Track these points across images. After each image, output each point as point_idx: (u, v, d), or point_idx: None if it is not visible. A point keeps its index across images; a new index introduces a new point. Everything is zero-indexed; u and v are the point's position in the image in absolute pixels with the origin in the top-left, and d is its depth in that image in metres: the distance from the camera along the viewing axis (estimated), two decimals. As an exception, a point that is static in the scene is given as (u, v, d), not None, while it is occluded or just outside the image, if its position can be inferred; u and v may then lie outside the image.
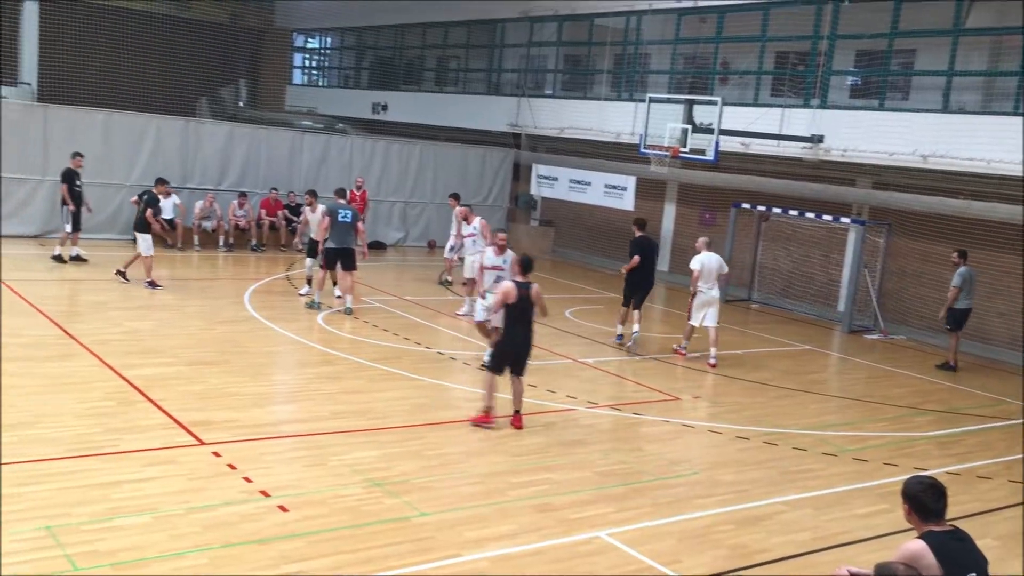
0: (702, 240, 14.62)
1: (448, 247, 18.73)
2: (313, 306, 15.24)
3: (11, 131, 18.94)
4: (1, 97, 21.34)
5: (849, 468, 9.87)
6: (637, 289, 14.75)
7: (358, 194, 20.93)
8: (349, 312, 15.17)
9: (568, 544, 7.33)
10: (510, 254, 12.96)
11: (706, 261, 14.15)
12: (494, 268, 13.02)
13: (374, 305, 16.17)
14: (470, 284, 16.09)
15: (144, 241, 15.65)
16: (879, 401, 12.99)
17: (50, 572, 6.07)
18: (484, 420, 10.04)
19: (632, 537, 7.56)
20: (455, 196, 18.58)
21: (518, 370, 10.15)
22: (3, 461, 7.78)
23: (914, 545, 4.73)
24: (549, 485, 8.55)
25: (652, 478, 9.04)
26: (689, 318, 14.43)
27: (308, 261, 16.26)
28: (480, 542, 7.18)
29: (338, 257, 15.13)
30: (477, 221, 16.26)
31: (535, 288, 10.05)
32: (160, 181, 16.74)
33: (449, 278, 18.96)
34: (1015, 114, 15.82)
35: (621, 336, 14.95)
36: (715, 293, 14.32)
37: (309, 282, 16.07)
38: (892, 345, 17.32)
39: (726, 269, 14.68)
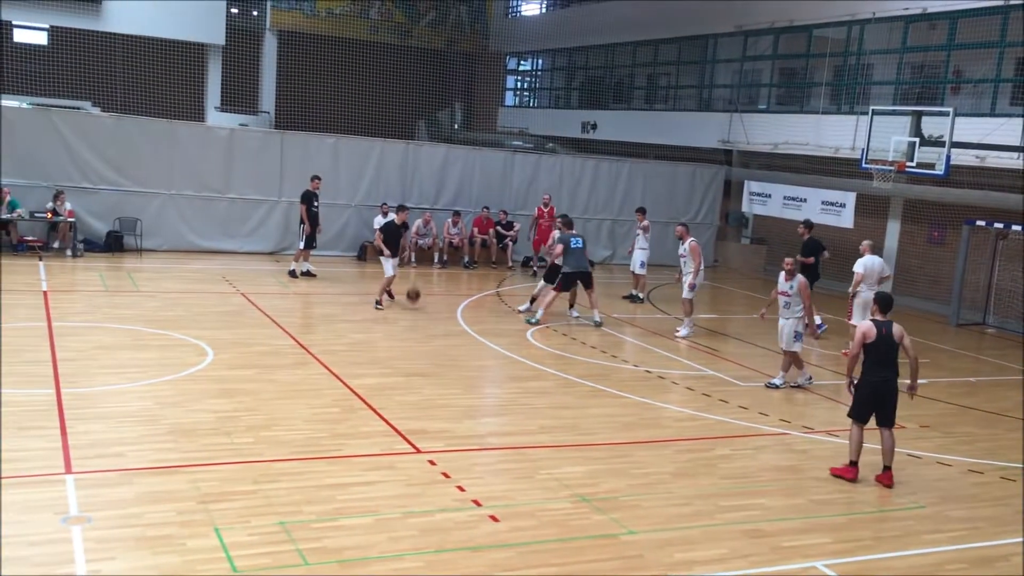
0: (866, 243, 15.26)
1: (639, 263, 18.67)
2: (532, 321, 15.71)
3: (251, 157, 20.60)
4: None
5: (1102, 511, 8.94)
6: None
7: (545, 211, 21.13)
8: (599, 325, 15.92)
9: (781, 572, 7.08)
10: (799, 279, 12.67)
11: (868, 264, 14.78)
12: (782, 294, 12.87)
13: (582, 323, 16.29)
14: (686, 305, 15.86)
15: (386, 264, 16.28)
16: None
17: (284, 564, 6.52)
18: (843, 473, 9.34)
19: (851, 570, 7.20)
20: (641, 210, 19.09)
21: (884, 420, 9.28)
22: (243, 460, 8.46)
23: None
24: (760, 511, 8.29)
25: (873, 509, 8.57)
26: (851, 318, 14.76)
27: (540, 283, 16.72)
28: (689, 564, 7.05)
29: (578, 279, 16.06)
30: (689, 242, 16.03)
31: (898, 328, 9.28)
32: (401, 208, 17.34)
33: (640, 294, 18.81)
34: None
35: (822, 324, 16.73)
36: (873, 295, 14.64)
37: (532, 300, 16.45)
38: None
39: (888, 272, 15.29)
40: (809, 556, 7.39)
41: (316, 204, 18.48)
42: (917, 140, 16.61)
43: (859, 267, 14.77)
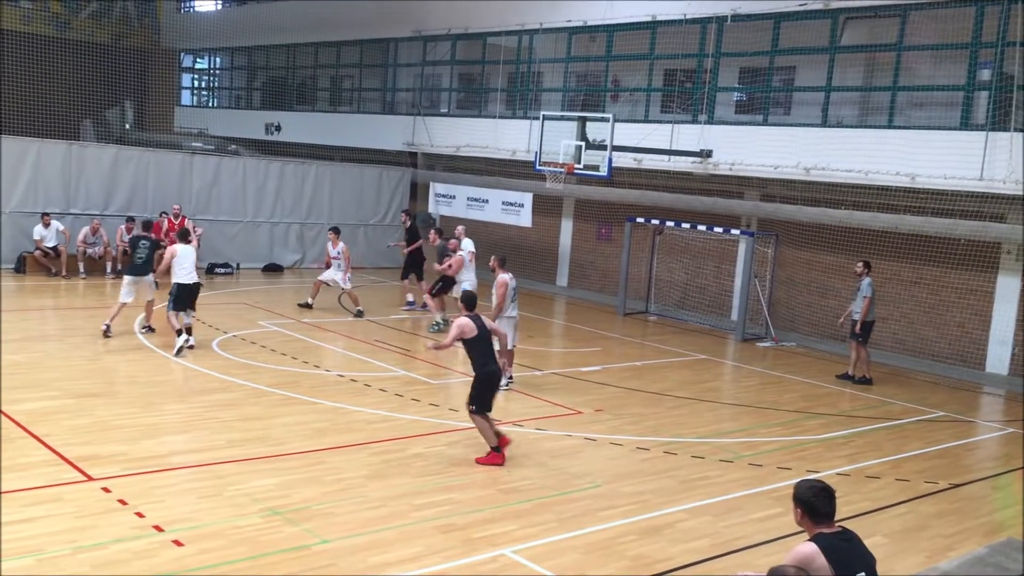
0: (461, 228, 17.79)
1: (348, 277, 18.10)
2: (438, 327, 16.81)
3: None
4: None
5: (745, 474, 10.12)
6: (418, 264, 19.07)
7: (176, 222, 20.08)
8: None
9: (473, 564, 7.30)
10: (498, 278, 13.15)
11: (468, 245, 17.16)
12: None
13: (271, 329, 15.87)
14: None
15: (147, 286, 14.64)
16: (772, 407, 13.38)
17: (-76, 624, 5.74)
18: (492, 460, 9.71)
19: (536, 553, 7.58)
20: (335, 230, 18.42)
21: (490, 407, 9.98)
22: None
23: (805, 548, 4.87)
24: (452, 505, 8.51)
25: (555, 493, 9.09)
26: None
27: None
28: (383, 567, 7.09)
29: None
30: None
31: (486, 318, 10.08)
32: (148, 225, 15.87)
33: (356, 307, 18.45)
34: (889, 127, 16.62)
35: (413, 303, 19.00)
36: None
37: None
38: (783, 352, 17.87)
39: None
40: (498, 544, 7.69)
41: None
42: (583, 144, 17.84)
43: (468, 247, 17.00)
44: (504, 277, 13.14)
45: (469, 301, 10.18)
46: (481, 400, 9.77)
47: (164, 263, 14.00)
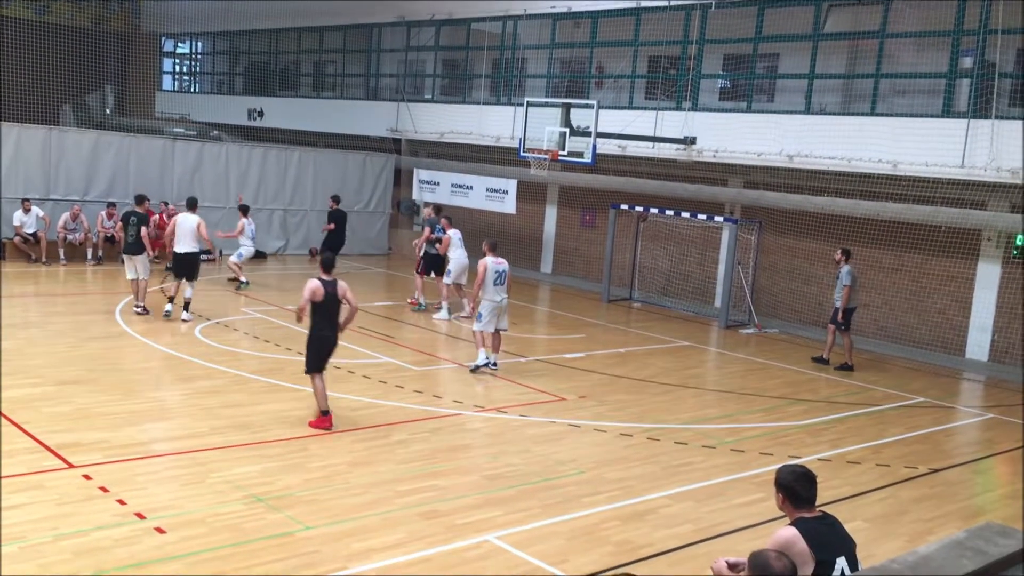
0: (444, 219, 17.86)
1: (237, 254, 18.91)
2: (420, 308, 17.45)
3: None
4: None
5: (727, 459, 10.18)
6: (334, 247, 19.93)
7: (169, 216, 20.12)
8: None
9: (456, 550, 7.32)
10: (479, 262, 13.17)
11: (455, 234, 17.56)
12: None
13: (254, 316, 15.80)
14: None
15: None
16: (755, 393, 13.45)
17: (-96, 613, 5.71)
18: (321, 424, 10.02)
19: (520, 539, 7.61)
20: (243, 208, 19.71)
21: (322, 367, 10.26)
22: None
23: (786, 532, 4.91)
24: (436, 492, 8.52)
25: (539, 479, 9.11)
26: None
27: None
28: (366, 553, 7.09)
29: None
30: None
31: (341, 285, 10.18)
32: (140, 199, 16.16)
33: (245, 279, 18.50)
34: (872, 114, 16.68)
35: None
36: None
37: None
38: (766, 338, 17.94)
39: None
40: (482, 530, 7.71)
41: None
42: (567, 130, 17.80)
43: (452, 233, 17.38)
44: (485, 260, 13.13)
45: (327, 264, 10.32)
46: (313, 361, 10.10)
47: (168, 232, 15.41)
